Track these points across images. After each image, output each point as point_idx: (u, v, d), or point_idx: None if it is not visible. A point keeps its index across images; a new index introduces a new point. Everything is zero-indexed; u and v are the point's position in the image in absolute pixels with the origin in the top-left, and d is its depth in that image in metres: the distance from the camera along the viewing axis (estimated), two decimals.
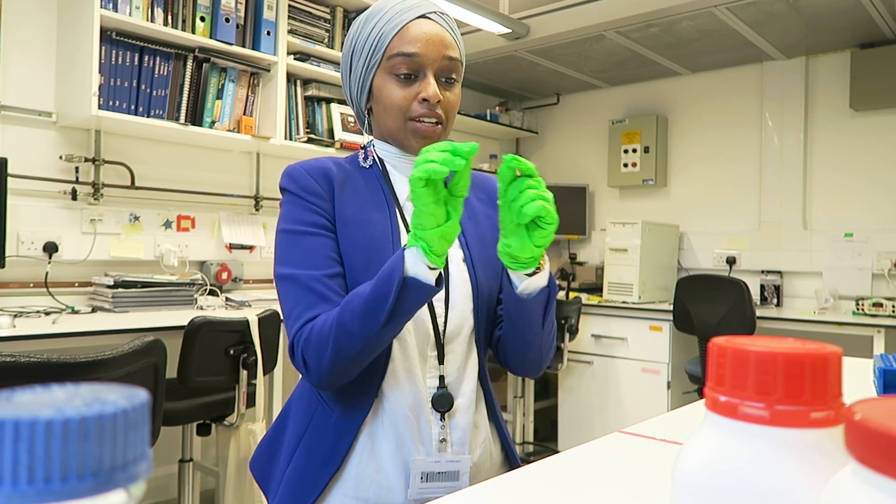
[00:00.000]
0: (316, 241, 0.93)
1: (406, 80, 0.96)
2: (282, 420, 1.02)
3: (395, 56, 0.95)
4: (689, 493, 0.31)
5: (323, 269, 0.91)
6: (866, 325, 3.04)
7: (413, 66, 0.95)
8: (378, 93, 0.98)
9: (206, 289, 2.93)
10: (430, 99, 0.94)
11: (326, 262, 0.92)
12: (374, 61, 0.97)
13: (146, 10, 2.64)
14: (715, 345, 0.31)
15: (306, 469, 0.93)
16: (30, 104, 2.61)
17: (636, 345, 3.59)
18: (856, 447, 0.24)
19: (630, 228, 3.74)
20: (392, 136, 1.00)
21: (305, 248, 0.92)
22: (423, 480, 0.91)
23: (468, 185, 0.80)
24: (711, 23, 3.35)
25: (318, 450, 0.93)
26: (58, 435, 0.18)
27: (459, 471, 0.93)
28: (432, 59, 0.95)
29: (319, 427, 0.94)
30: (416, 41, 0.94)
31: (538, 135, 4.93)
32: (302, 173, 0.97)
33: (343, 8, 3.30)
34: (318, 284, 0.90)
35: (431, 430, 0.94)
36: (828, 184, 3.74)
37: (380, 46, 0.96)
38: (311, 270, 0.91)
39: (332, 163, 1.01)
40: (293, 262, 0.92)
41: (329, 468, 0.92)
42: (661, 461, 0.78)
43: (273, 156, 3.35)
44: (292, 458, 0.95)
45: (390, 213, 0.98)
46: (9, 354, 1.29)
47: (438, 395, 0.94)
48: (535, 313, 0.93)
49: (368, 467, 0.92)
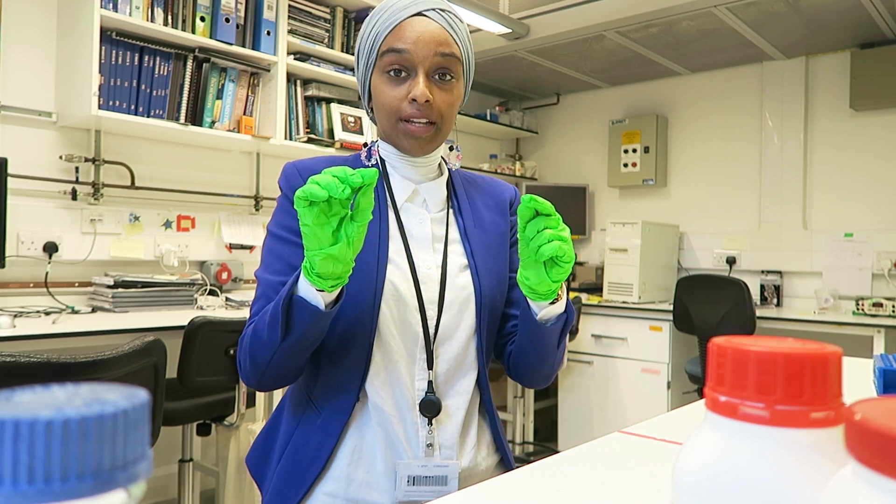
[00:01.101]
0: (286, 248, 0.94)
1: (397, 79, 0.94)
2: (276, 417, 1.03)
3: (385, 53, 0.94)
4: (689, 493, 0.31)
5: (281, 276, 0.92)
6: (866, 325, 3.04)
7: (403, 64, 0.93)
8: (374, 92, 0.98)
9: (206, 289, 2.93)
10: (418, 99, 0.92)
11: (286, 268, 0.93)
12: (370, 60, 0.97)
13: (146, 10, 2.64)
14: (715, 345, 0.31)
15: (294, 468, 0.94)
16: (30, 104, 2.61)
17: (636, 345, 3.59)
18: (856, 447, 0.24)
19: (630, 228, 3.74)
20: (387, 136, 1.00)
21: (276, 253, 0.95)
22: (410, 484, 0.91)
23: (369, 211, 0.78)
24: (711, 23, 3.35)
25: (305, 449, 0.94)
26: (58, 435, 0.18)
27: (447, 476, 0.93)
28: (423, 57, 0.92)
29: (307, 427, 0.95)
30: (408, 38, 0.92)
31: (538, 135, 4.93)
32: (294, 174, 0.97)
33: (343, 8, 3.30)
34: (272, 291, 0.92)
35: (419, 433, 0.93)
36: (828, 184, 3.74)
37: (375, 45, 0.95)
38: (272, 276, 0.93)
39: (326, 163, 0.99)
40: (264, 265, 0.96)
41: (315, 467, 0.92)
42: (661, 461, 0.78)
43: (273, 156, 3.35)
44: (282, 456, 0.96)
45: (382, 215, 0.97)
46: (9, 354, 1.29)
47: (425, 401, 0.93)
48: (551, 337, 0.95)
49: (358, 468, 0.92)
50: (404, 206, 1.00)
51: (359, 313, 0.91)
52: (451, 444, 0.94)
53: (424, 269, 0.96)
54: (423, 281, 0.95)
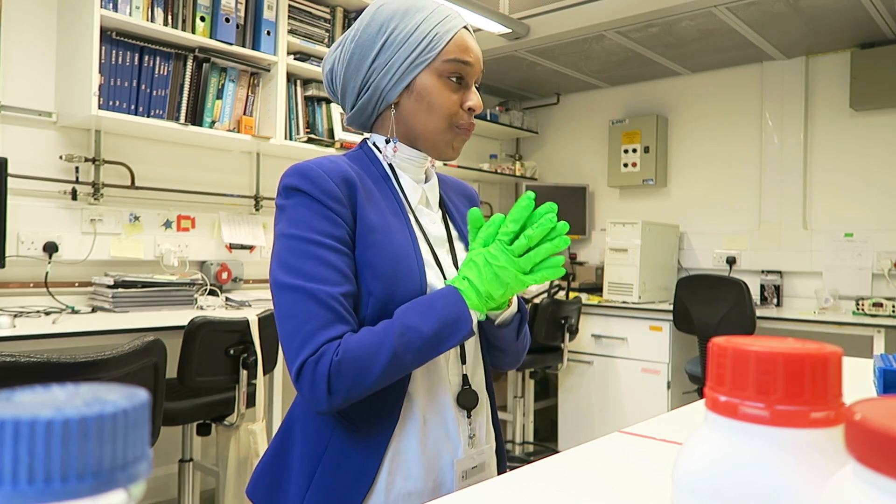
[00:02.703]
0: (333, 255, 0.86)
1: (456, 86, 0.97)
2: (282, 441, 0.96)
3: (452, 61, 0.95)
4: (689, 493, 0.31)
5: (340, 287, 0.85)
6: (866, 325, 3.04)
7: (465, 74, 0.97)
8: (424, 91, 0.95)
9: (206, 289, 2.93)
10: (476, 109, 0.98)
11: (343, 279, 0.86)
12: (423, 59, 0.94)
13: (146, 10, 2.64)
14: (715, 345, 0.31)
15: (333, 490, 0.87)
16: (30, 104, 2.61)
17: (636, 345, 3.59)
18: (856, 447, 0.24)
19: (630, 228, 3.74)
20: (425, 138, 0.97)
21: (322, 259, 0.85)
22: (463, 479, 0.93)
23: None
24: (711, 23, 3.35)
25: (346, 467, 0.88)
26: (58, 435, 0.18)
27: (485, 462, 0.97)
28: (477, 71, 0.99)
29: (343, 443, 0.89)
30: (471, 51, 0.97)
31: (538, 135, 4.94)
32: (321, 175, 0.89)
33: (343, 8, 3.30)
34: (335, 303, 0.83)
35: (459, 428, 0.94)
36: (828, 184, 3.74)
37: (434, 46, 0.94)
38: (327, 287, 0.84)
39: (344, 163, 0.94)
40: (305, 274, 0.84)
41: (363, 484, 0.87)
42: (661, 461, 0.78)
43: (273, 156, 3.35)
44: (312, 481, 0.89)
45: (405, 217, 0.96)
46: (9, 354, 1.29)
47: (464, 392, 0.95)
48: (510, 333, 0.98)
49: (396, 477, 0.89)
50: (417, 208, 1.00)
51: None
52: (484, 432, 0.98)
53: (448, 268, 0.98)
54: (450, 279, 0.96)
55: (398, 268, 0.90)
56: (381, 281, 0.88)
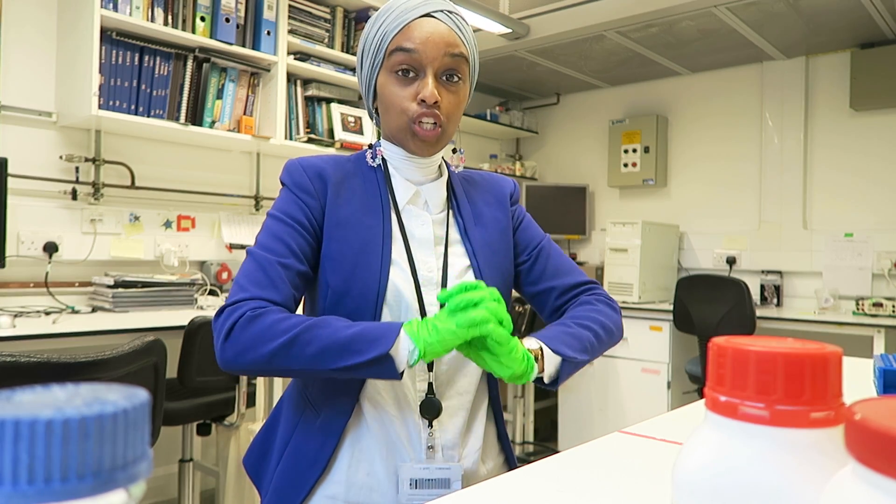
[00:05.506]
0: (286, 229, 0.93)
1: (405, 79, 0.94)
2: (273, 419, 1.02)
3: (394, 52, 0.93)
4: (689, 493, 0.31)
5: (279, 256, 0.90)
6: (866, 325, 3.04)
7: (412, 63, 0.93)
8: (381, 92, 0.97)
9: (206, 289, 2.93)
10: (427, 99, 0.92)
11: (285, 250, 0.91)
12: (377, 60, 0.96)
13: (146, 10, 2.64)
14: (715, 345, 0.31)
15: (294, 469, 0.93)
16: (30, 104, 2.60)
17: (636, 345, 3.59)
18: (856, 447, 0.24)
19: (630, 228, 3.74)
20: (394, 137, 0.98)
21: (275, 233, 0.93)
22: (413, 487, 0.90)
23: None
24: (711, 23, 3.35)
25: (305, 451, 0.93)
26: (58, 435, 0.18)
27: (450, 479, 0.92)
28: (432, 58, 0.93)
29: (306, 429, 0.94)
30: (417, 38, 0.92)
31: (538, 135, 4.93)
32: (298, 169, 0.97)
33: (343, 8, 3.30)
34: (271, 268, 0.89)
35: (420, 435, 0.93)
36: (828, 184, 3.74)
37: (382, 44, 0.95)
38: (269, 253, 0.91)
39: (331, 162, 0.99)
40: (260, 243, 0.93)
41: (315, 469, 0.92)
42: (661, 461, 0.78)
43: (273, 156, 3.35)
44: (282, 458, 0.95)
45: (385, 217, 0.97)
46: (9, 354, 1.29)
47: (425, 402, 0.93)
48: (576, 368, 0.93)
49: (359, 471, 0.92)
50: (406, 208, 0.99)
51: (361, 315, 0.91)
52: (452, 446, 0.94)
53: (426, 271, 0.96)
54: (424, 284, 0.95)
55: (358, 263, 0.92)
56: (339, 275, 0.92)
